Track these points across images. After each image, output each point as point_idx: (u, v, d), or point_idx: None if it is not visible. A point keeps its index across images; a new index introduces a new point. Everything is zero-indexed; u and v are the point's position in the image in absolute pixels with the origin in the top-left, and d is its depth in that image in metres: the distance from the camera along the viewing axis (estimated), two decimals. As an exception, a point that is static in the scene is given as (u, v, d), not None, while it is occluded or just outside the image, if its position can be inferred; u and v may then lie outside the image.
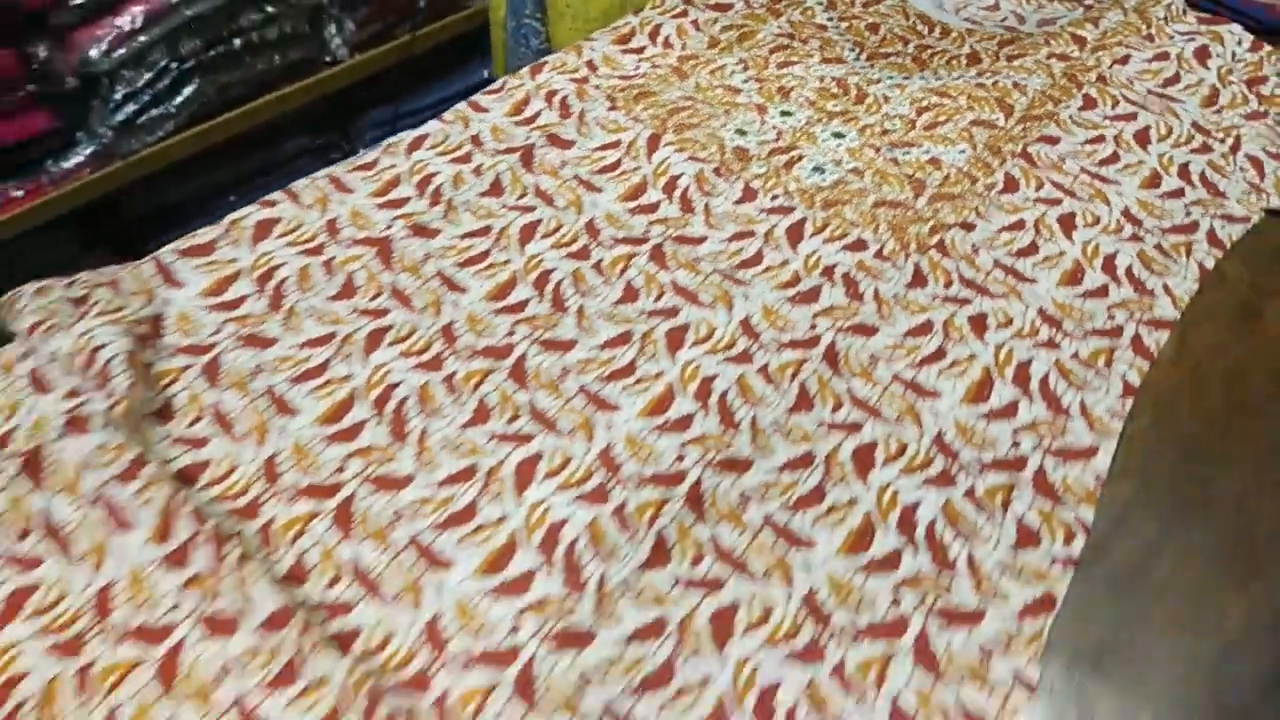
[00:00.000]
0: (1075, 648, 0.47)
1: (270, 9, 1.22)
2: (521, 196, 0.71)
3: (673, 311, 0.62)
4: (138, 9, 1.13)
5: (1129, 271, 0.65)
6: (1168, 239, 0.67)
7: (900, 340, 0.61)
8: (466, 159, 0.74)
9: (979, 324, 0.61)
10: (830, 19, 0.93)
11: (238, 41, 1.21)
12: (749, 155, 0.74)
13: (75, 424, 0.53)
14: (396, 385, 0.58)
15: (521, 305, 0.63)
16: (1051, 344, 0.60)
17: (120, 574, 0.49)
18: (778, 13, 0.93)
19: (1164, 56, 0.85)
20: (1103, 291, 0.64)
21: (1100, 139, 0.77)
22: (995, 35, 0.90)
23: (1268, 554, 0.51)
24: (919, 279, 0.64)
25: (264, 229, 0.67)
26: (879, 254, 0.65)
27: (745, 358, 0.60)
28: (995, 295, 0.63)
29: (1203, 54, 0.85)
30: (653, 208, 0.70)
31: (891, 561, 0.50)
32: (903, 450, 0.55)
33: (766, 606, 0.48)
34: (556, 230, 0.68)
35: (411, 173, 0.72)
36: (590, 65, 0.84)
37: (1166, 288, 0.64)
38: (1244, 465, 0.55)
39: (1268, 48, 0.86)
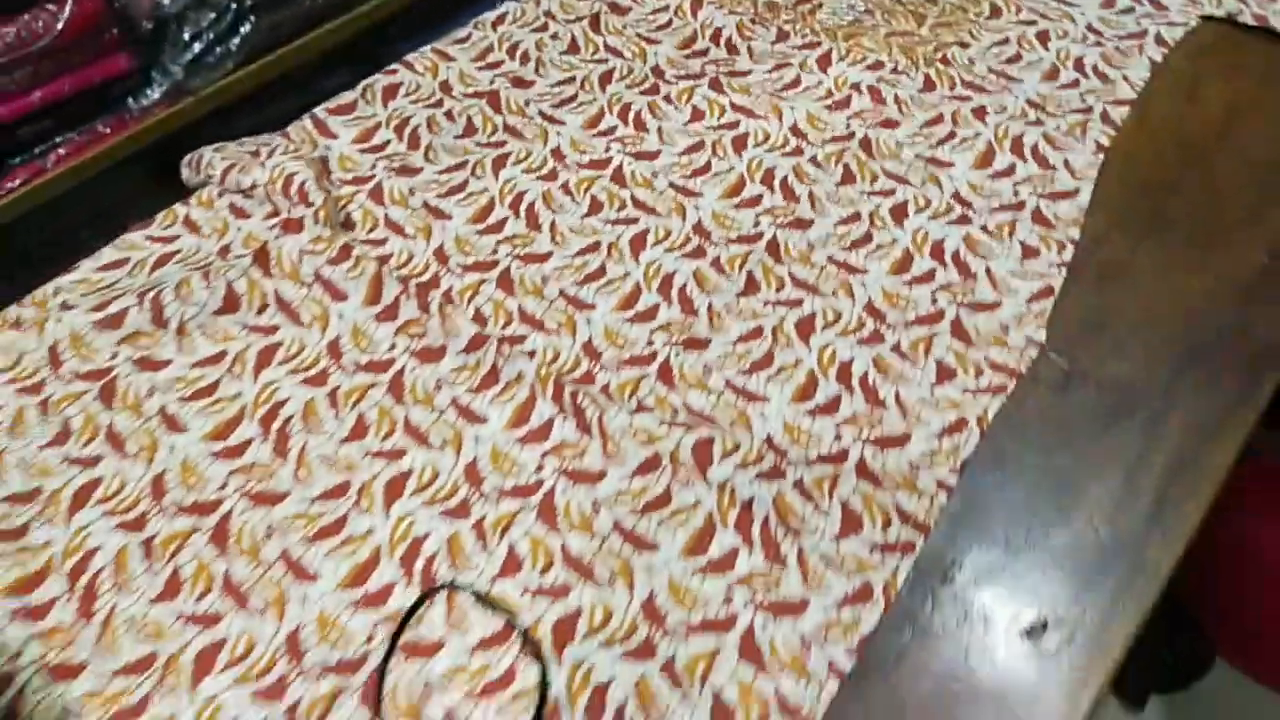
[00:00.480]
0: (1071, 322, 0.63)
1: (313, -51, 1.35)
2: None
3: (734, 124, 0.78)
4: (201, -46, 1.26)
5: (1095, 68, 0.81)
6: (1123, 43, 0.83)
7: (918, 130, 0.76)
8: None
9: (980, 113, 0.77)
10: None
11: (288, -19, 1.34)
12: (778, 6, 0.89)
13: (289, 225, 0.68)
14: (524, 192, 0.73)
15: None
16: (1039, 122, 0.76)
17: (344, 330, 0.64)
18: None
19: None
20: (1075, 83, 0.79)
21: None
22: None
23: (1211, 252, 0.68)
24: (929, 85, 0.80)
25: (390, 92, 0.82)
26: (894, 69, 0.81)
27: (797, 152, 0.75)
28: (991, 92, 0.79)
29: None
30: (704, 52, 0.85)
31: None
32: (925, 205, 0.71)
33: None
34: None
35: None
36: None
37: (1125, 77, 0.80)
38: (1191, 193, 0.72)
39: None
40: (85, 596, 0.53)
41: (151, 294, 0.65)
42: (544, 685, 0.49)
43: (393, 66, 0.84)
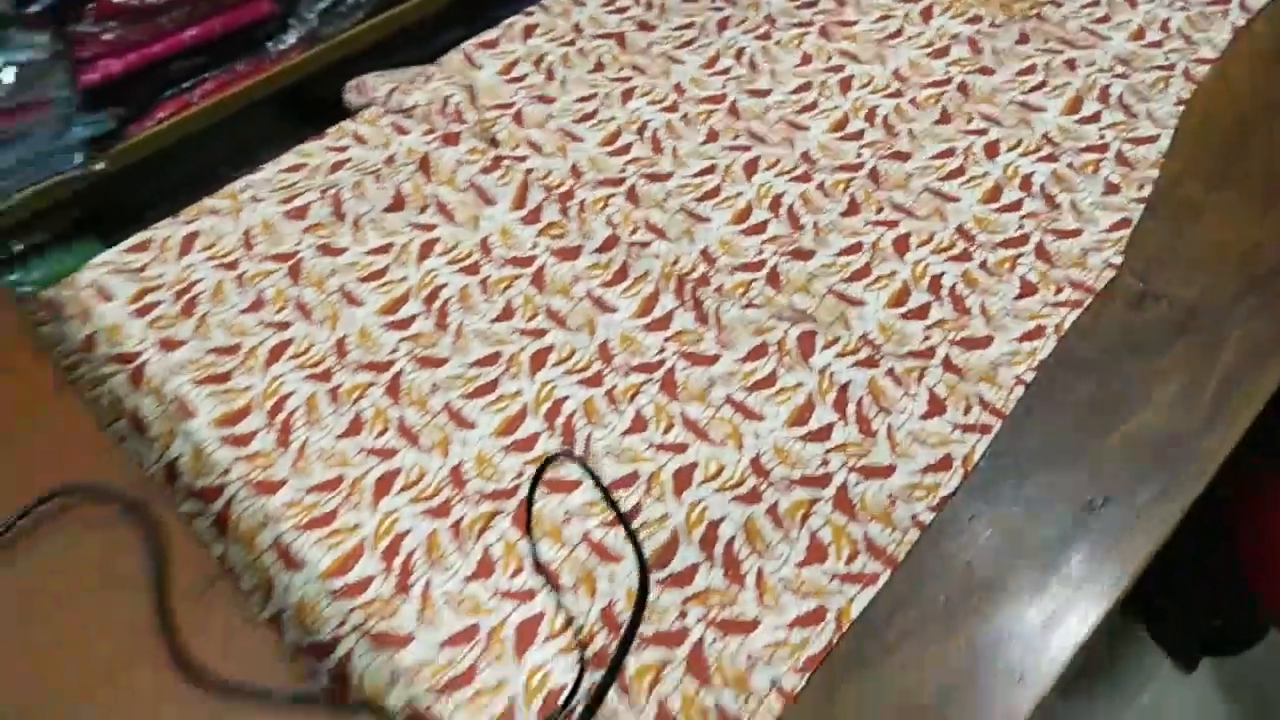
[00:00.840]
0: (1147, 248, 0.70)
1: (441, -92, 1.45)
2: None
3: (840, 68, 0.85)
4: (341, -91, 1.37)
5: (1180, 29, 0.86)
6: (1208, 8, 0.88)
7: (1012, 77, 0.83)
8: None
9: (1070, 65, 0.83)
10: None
11: (415, -62, 1.45)
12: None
13: (448, 139, 0.78)
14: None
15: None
16: (1125, 75, 0.82)
17: (493, 230, 0.74)
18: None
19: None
20: (1159, 43, 0.85)
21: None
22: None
23: (1275, 204, 0.73)
24: (1023, 38, 0.86)
25: (528, 30, 0.91)
26: (992, 23, 0.87)
27: (898, 94, 0.82)
28: (1081, 47, 0.85)
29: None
30: (813, 3, 0.92)
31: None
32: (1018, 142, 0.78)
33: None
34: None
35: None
36: None
37: (1209, 39, 0.85)
38: (1260, 150, 0.77)
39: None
40: (282, 430, 0.63)
41: (332, 192, 0.76)
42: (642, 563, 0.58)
43: (530, 8, 0.93)
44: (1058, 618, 0.54)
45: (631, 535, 0.57)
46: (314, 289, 0.71)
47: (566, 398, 0.64)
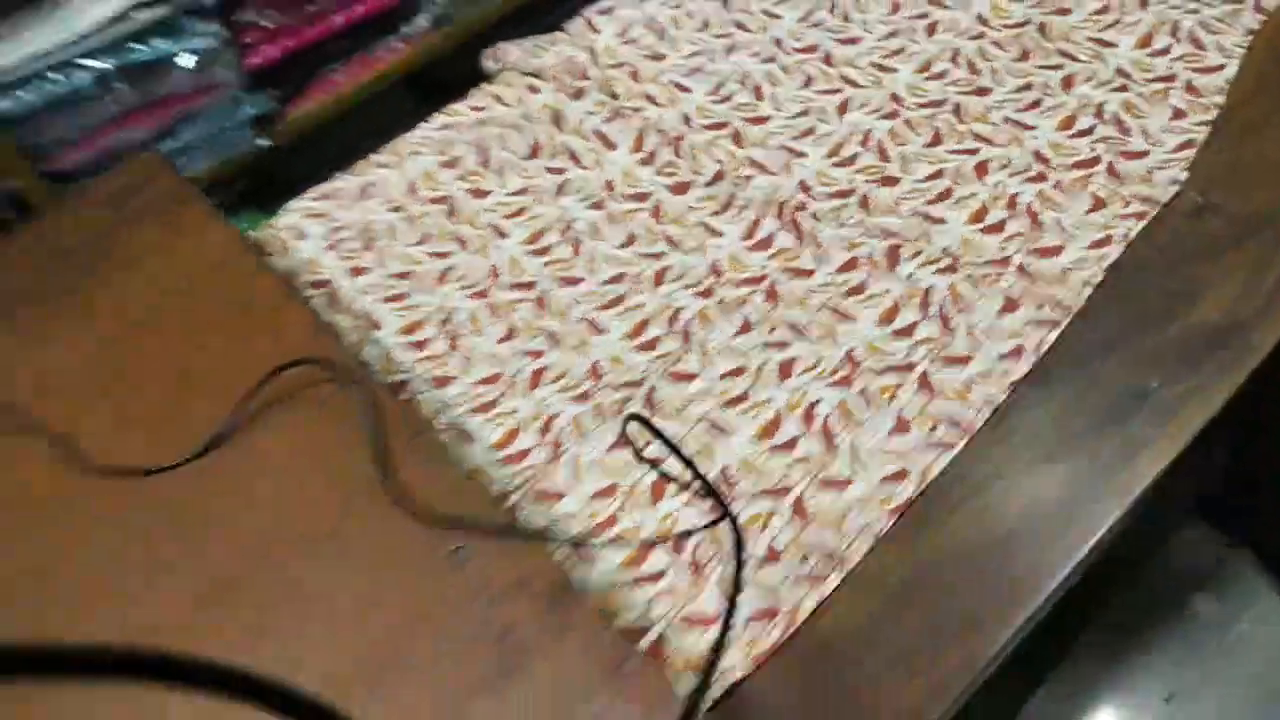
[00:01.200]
0: (1216, 166, 0.76)
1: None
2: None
3: (924, 14, 0.93)
4: (465, -101, 1.50)
5: (1258, -38, 0.91)
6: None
7: (1088, 17, 0.89)
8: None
9: (1143, 2, 0.89)
10: None
11: (532, -81, 1.57)
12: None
13: (575, 94, 0.90)
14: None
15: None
16: (1195, 10, 0.88)
17: (616, 173, 0.86)
18: None
19: None
20: (1238, -25, 0.90)
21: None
22: None
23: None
24: (1100, -20, 0.92)
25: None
26: None
27: (980, 36, 0.90)
28: (1156, -15, 0.91)
29: None
30: None
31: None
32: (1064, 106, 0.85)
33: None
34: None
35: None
36: None
37: (1286, -30, 0.89)
38: None
39: None
40: (450, 337, 0.77)
41: (478, 144, 0.89)
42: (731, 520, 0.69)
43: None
44: (1112, 473, 0.62)
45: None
46: (468, 225, 0.84)
47: (683, 307, 0.76)
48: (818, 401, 0.69)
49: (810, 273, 0.76)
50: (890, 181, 0.81)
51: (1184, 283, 0.70)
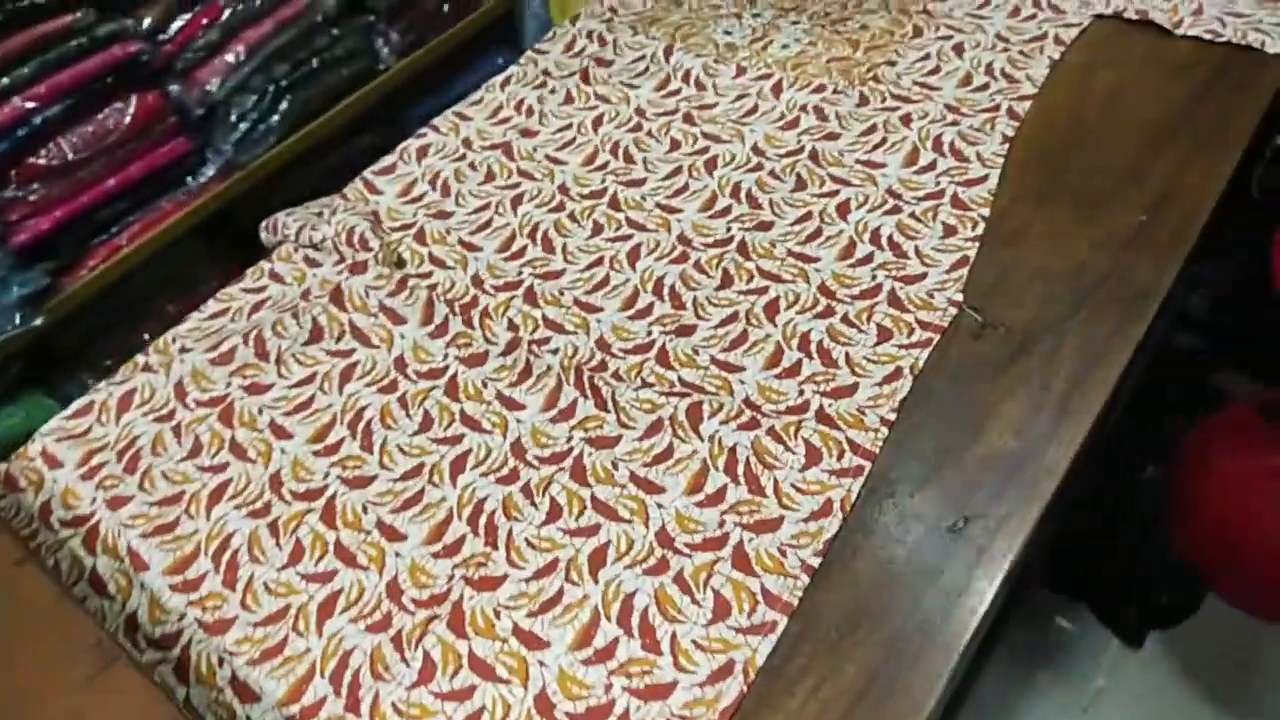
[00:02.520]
0: (982, 283, 0.78)
1: (335, 31, 1.53)
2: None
3: (704, 149, 0.93)
4: (240, 46, 1.44)
5: (1003, 70, 0.96)
6: (1027, 46, 0.98)
7: (855, 139, 0.92)
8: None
9: (906, 120, 0.92)
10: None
11: (315, 61, 1.52)
12: (735, 46, 1.04)
13: (356, 268, 0.85)
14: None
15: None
16: (955, 122, 0.91)
17: (406, 348, 0.81)
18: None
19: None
20: (985, 86, 0.94)
21: (986, 3, 1.07)
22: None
23: (1097, 212, 0.82)
24: (863, 101, 0.95)
25: (422, 151, 0.99)
26: (834, 90, 0.96)
27: (758, 167, 0.91)
28: (914, 101, 0.94)
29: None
30: (676, 92, 1.01)
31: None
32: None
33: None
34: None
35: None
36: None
37: (1028, 76, 0.94)
38: (1080, 164, 0.86)
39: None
40: (229, 569, 0.69)
41: (254, 333, 0.82)
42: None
43: (422, 130, 1.00)
44: (934, 629, 0.61)
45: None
46: (246, 429, 0.77)
47: (486, 497, 0.71)
48: (634, 593, 0.65)
49: (616, 440, 0.73)
50: (686, 331, 0.79)
51: (973, 409, 0.71)
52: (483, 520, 0.69)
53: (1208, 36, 0.95)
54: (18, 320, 1.34)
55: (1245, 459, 1.56)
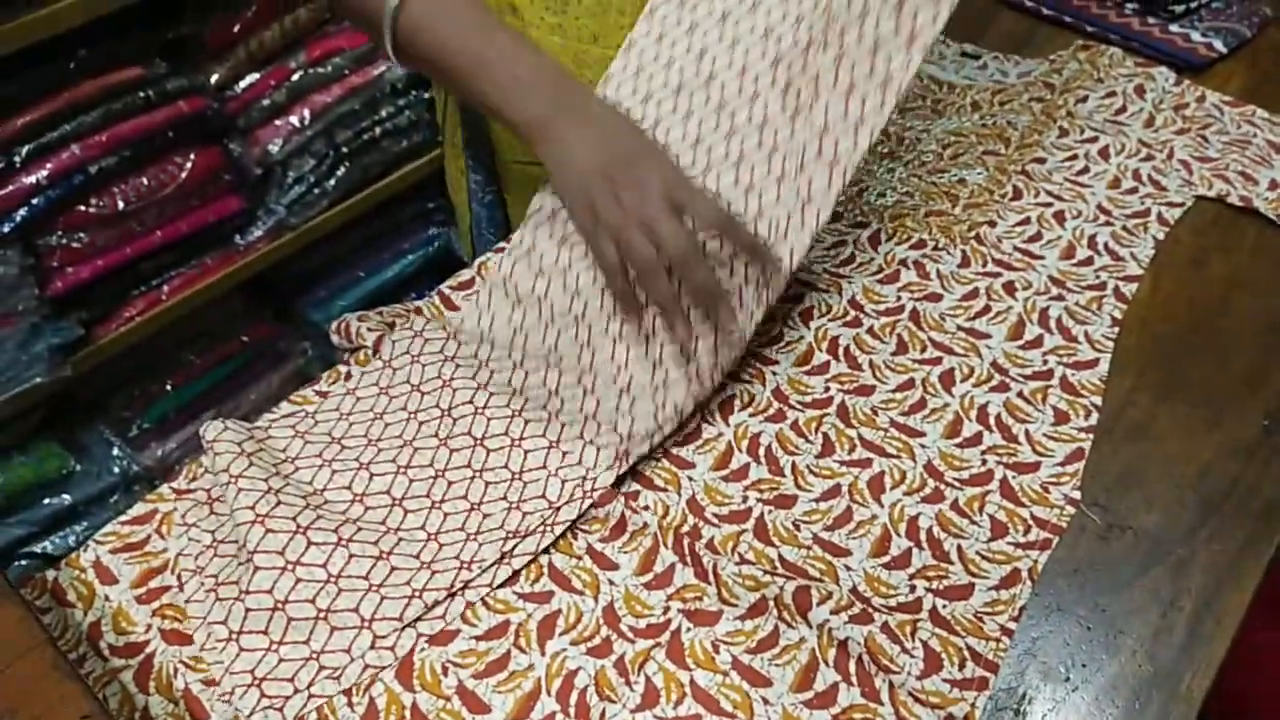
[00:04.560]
0: (1106, 478, 0.76)
1: (400, 102, 1.51)
2: None
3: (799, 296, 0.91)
4: (305, 109, 1.42)
5: (1106, 246, 0.95)
6: (1130, 222, 0.97)
7: (958, 303, 0.90)
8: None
9: (1009, 288, 0.91)
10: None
11: (378, 130, 1.50)
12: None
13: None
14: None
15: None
16: (1060, 298, 0.90)
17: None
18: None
19: (1112, 94, 1.15)
20: (1089, 261, 0.93)
21: (1074, 156, 1.07)
22: (988, 87, 1.21)
23: (1224, 414, 0.81)
24: (965, 261, 0.94)
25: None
26: (935, 246, 0.95)
27: (856, 322, 0.89)
28: (1017, 269, 0.93)
29: (1140, 90, 1.15)
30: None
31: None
32: (970, 372, 0.84)
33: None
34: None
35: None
36: None
37: (1133, 255, 0.94)
38: (1205, 355, 0.85)
39: (1188, 81, 1.16)
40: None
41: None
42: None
43: (499, 245, 0.98)
44: None
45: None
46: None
47: (578, 669, 0.67)
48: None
49: (716, 616, 0.69)
50: (786, 501, 0.76)
51: (1098, 623, 0.68)
52: (573, 699, 0.65)
53: (1311, 232, 0.95)
54: (47, 370, 1.30)
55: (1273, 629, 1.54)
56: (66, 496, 1.44)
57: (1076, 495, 0.75)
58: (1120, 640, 0.67)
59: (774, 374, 0.85)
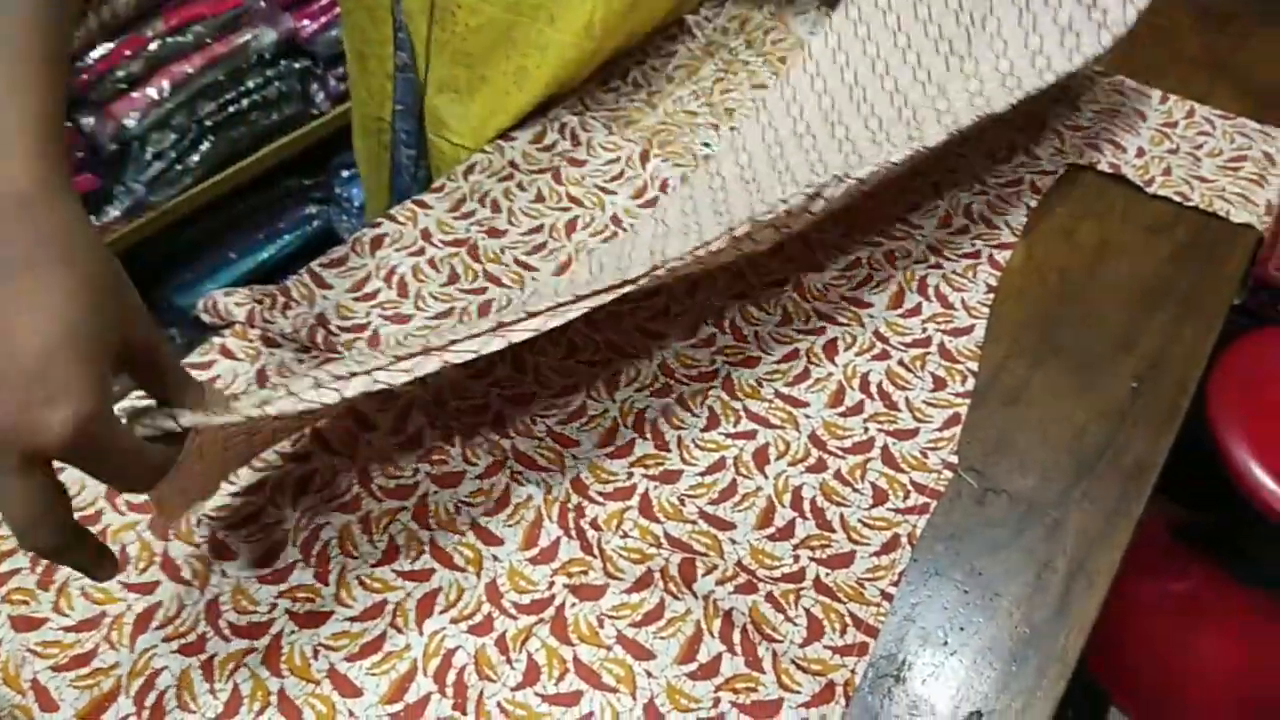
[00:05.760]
0: (983, 443, 0.77)
1: (269, 73, 1.43)
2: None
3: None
4: (164, 81, 1.33)
5: (981, 214, 0.97)
6: (1005, 190, 0.99)
7: (840, 273, 0.90)
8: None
9: (890, 257, 0.92)
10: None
11: (245, 102, 1.42)
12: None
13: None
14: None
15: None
16: (938, 265, 0.91)
17: (373, 457, 0.73)
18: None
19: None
20: (965, 230, 0.95)
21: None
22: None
23: (1096, 377, 0.83)
24: (846, 232, 0.94)
25: (379, 241, 0.91)
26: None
27: (742, 295, 0.88)
28: (897, 238, 0.94)
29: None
30: (653, 202, 0.97)
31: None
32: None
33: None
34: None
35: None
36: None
37: (1006, 222, 0.96)
38: (1076, 320, 0.87)
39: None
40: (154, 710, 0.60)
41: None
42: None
43: (377, 220, 0.93)
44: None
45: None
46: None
47: (457, 648, 0.64)
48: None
49: (601, 590, 0.67)
50: (671, 476, 0.75)
51: (975, 586, 0.69)
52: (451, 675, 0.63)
53: (1177, 199, 0.99)
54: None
55: (1151, 582, 1.63)
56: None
57: (954, 460, 0.75)
58: (996, 603, 0.68)
59: (660, 349, 0.83)
